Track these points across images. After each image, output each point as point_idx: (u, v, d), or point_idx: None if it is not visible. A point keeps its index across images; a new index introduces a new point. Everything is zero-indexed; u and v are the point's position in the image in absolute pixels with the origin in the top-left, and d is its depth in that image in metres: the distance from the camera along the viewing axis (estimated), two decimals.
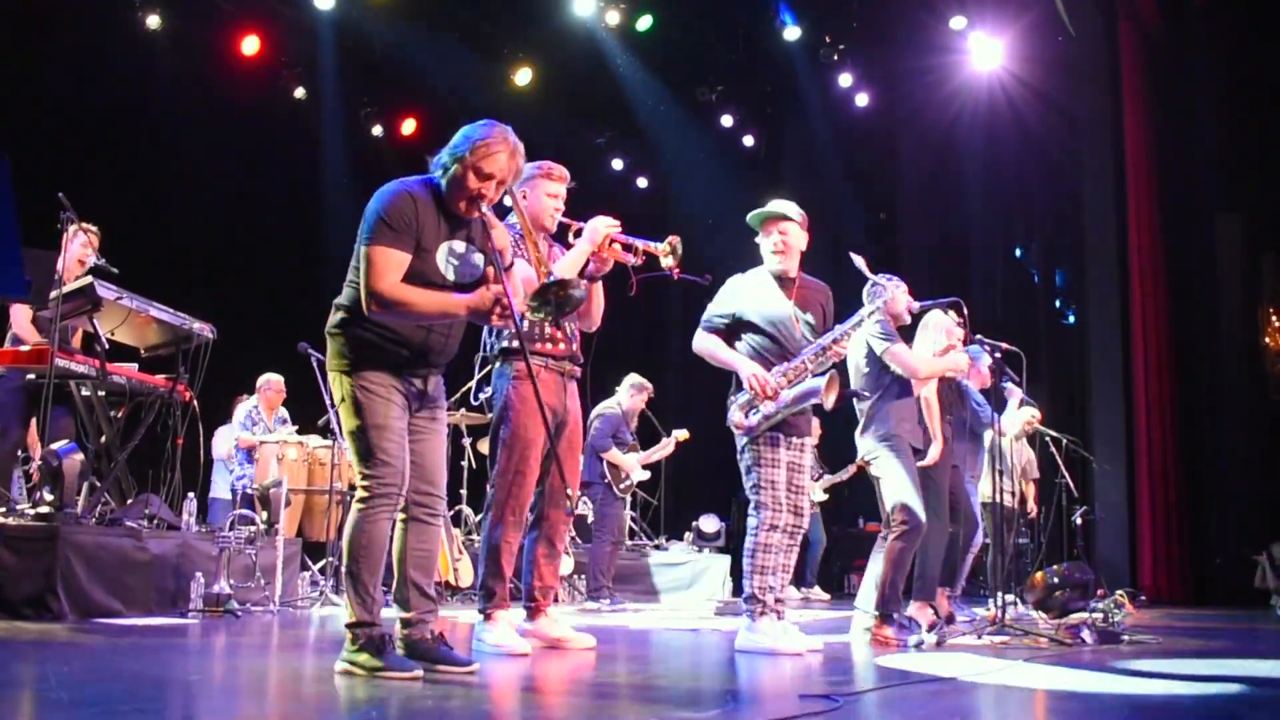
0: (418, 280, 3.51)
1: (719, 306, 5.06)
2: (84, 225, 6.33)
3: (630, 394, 8.91)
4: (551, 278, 3.61)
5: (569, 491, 4.44)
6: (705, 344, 5.03)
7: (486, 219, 3.64)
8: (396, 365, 3.60)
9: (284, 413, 9.01)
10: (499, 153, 3.56)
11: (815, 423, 11.26)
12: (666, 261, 4.70)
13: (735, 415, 4.89)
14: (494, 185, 3.59)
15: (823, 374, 4.87)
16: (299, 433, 8.64)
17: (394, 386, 3.58)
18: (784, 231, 5.06)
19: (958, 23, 11.93)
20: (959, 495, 6.40)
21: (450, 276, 3.62)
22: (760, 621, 4.79)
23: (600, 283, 4.81)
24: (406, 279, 3.49)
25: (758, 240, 5.16)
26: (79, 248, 6.37)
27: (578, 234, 4.71)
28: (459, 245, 3.65)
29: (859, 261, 5.22)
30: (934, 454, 5.93)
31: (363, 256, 3.49)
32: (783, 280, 5.08)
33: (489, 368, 4.89)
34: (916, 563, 5.90)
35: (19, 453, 6.47)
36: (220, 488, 9.54)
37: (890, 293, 5.75)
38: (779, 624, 4.82)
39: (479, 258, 3.70)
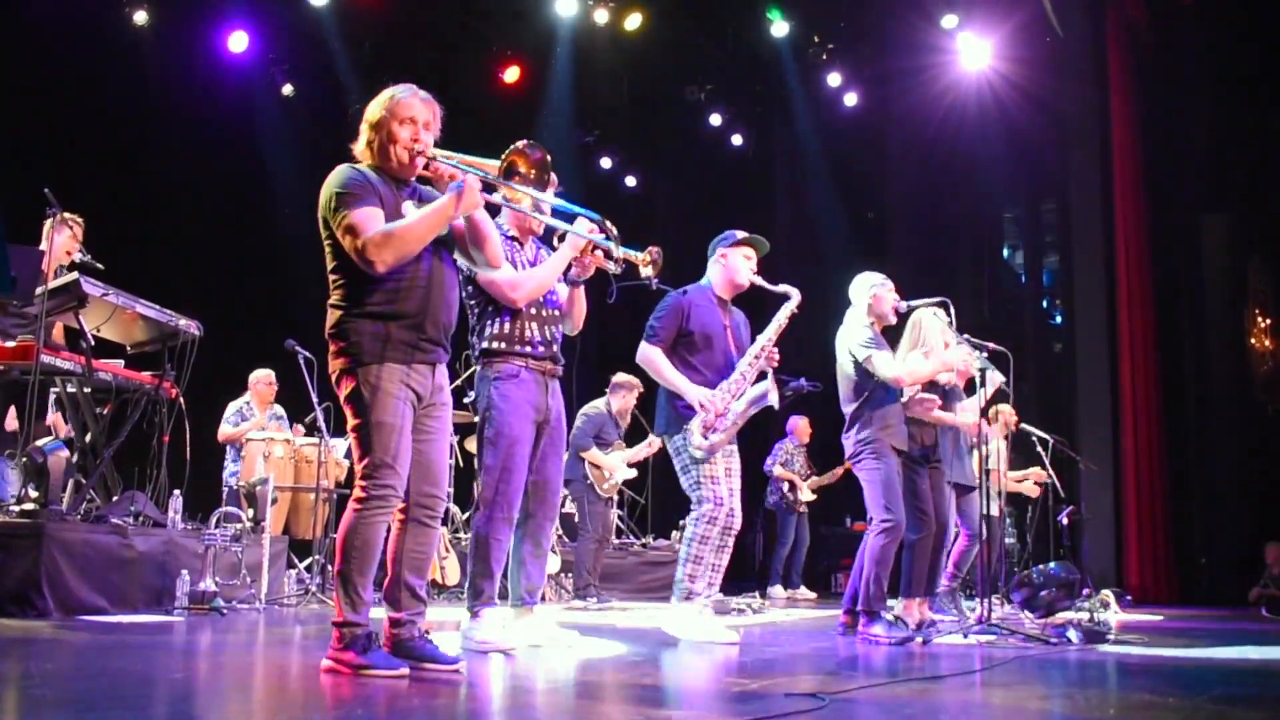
0: None
1: (666, 320, 5.32)
2: (67, 216, 6.29)
3: (621, 394, 8.90)
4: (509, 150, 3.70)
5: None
6: (651, 356, 5.27)
7: (434, 167, 3.66)
8: (401, 353, 3.55)
9: (279, 409, 8.93)
10: (407, 98, 3.66)
11: (805, 423, 11.43)
12: (645, 271, 4.76)
13: (697, 439, 5.13)
14: (420, 128, 3.65)
15: (762, 378, 5.24)
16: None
17: (401, 382, 3.54)
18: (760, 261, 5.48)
19: (949, 21, 11.92)
20: (938, 497, 6.38)
21: None
22: (686, 606, 5.13)
23: (582, 288, 4.88)
24: None
25: (724, 255, 5.46)
26: (65, 240, 6.33)
27: (562, 238, 4.73)
28: (414, 205, 3.67)
29: (760, 280, 5.48)
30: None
31: (342, 228, 3.49)
32: (723, 303, 5.45)
33: (474, 369, 4.89)
34: (903, 563, 5.93)
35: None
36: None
37: (874, 291, 5.81)
38: (704, 611, 5.14)
39: None
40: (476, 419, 4.78)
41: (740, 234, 5.53)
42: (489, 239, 3.79)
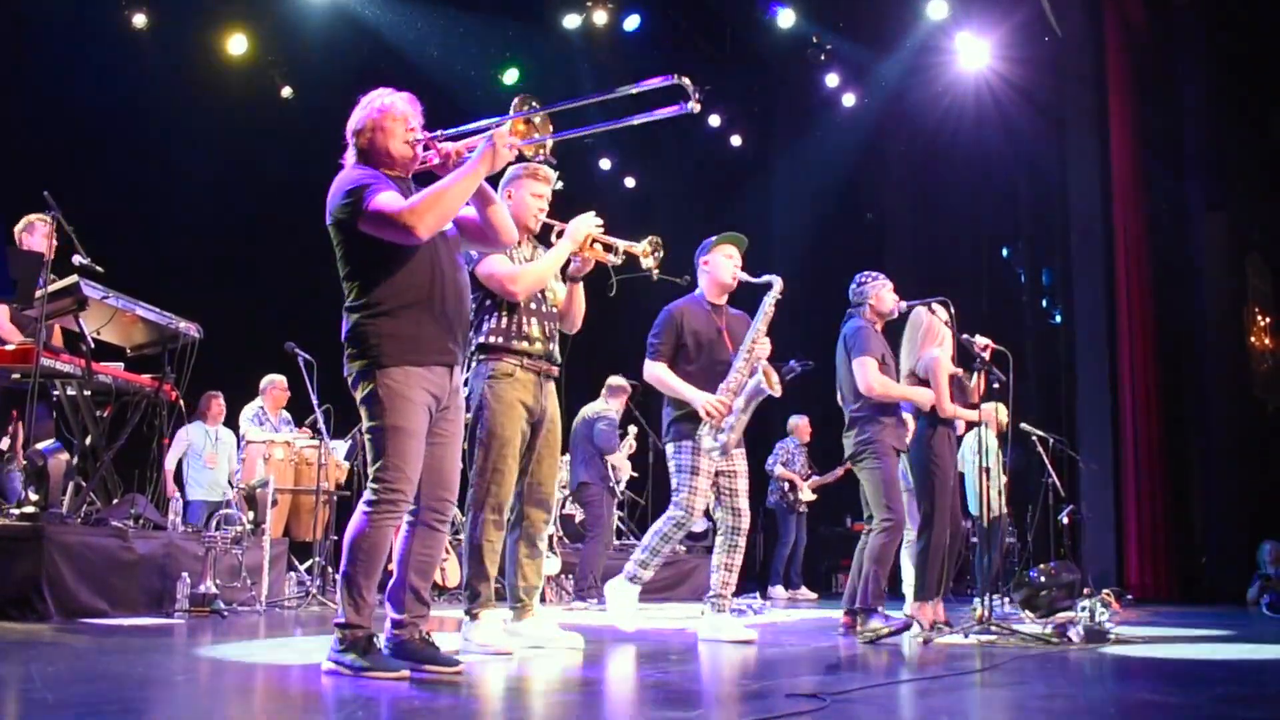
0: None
1: (663, 334, 5.42)
2: (34, 217, 6.25)
3: (621, 396, 8.92)
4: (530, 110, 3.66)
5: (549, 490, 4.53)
6: (656, 372, 5.40)
7: (440, 149, 3.66)
8: (420, 354, 3.52)
9: (286, 415, 8.92)
10: (387, 97, 3.68)
11: (805, 422, 11.43)
12: (647, 262, 4.86)
13: (708, 444, 5.22)
14: (411, 117, 3.67)
15: (754, 372, 5.26)
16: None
17: (418, 386, 3.52)
18: (741, 259, 5.51)
19: (936, 10, 11.85)
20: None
21: None
22: (626, 585, 5.40)
23: (581, 284, 4.85)
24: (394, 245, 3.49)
25: (706, 261, 5.52)
26: (40, 239, 6.27)
27: (560, 235, 4.73)
28: None
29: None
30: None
31: (370, 215, 3.44)
32: (716, 308, 5.53)
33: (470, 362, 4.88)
34: (919, 564, 5.93)
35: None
36: (194, 489, 8.92)
37: (876, 290, 5.82)
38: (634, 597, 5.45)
39: None
40: (469, 415, 4.78)
41: (715, 237, 5.60)
42: (496, 202, 3.81)
